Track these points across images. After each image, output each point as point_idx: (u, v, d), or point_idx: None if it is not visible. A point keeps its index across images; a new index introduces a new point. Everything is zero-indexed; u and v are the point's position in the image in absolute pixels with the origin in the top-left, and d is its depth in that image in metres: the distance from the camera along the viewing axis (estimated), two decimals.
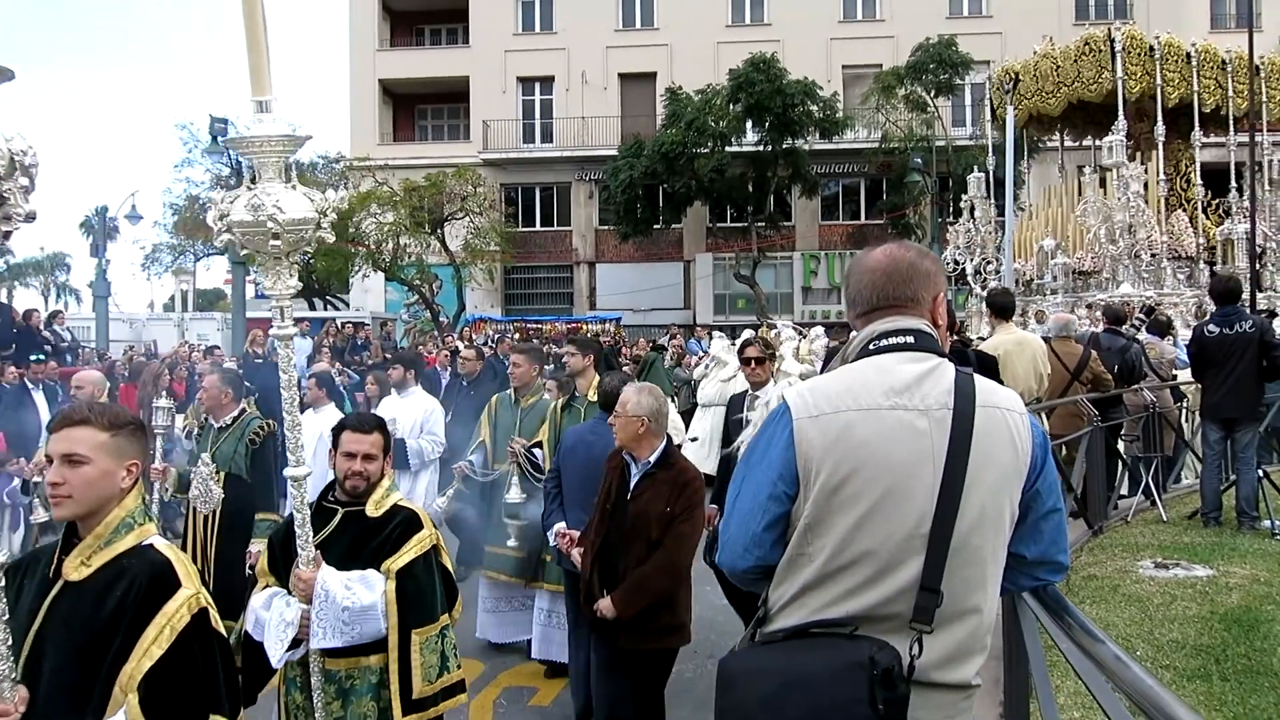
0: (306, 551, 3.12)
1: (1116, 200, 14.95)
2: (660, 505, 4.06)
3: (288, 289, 2.96)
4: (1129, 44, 15.45)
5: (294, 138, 2.84)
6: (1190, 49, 15.96)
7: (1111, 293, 14.48)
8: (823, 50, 31.19)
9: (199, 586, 2.33)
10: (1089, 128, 18.31)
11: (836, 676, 1.79)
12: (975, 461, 1.89)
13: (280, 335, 3.03)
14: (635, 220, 28.81)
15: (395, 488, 3.57)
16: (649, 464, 4.18)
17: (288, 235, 2.82)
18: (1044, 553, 2.04)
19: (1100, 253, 15.19)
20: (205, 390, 5.81)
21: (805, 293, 31.66)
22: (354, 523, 3.38)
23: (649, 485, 4.14)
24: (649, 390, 4.28)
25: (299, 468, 3.04)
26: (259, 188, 2.79)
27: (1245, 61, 16.23)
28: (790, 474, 1.93)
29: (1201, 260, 15.83)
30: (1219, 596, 5.83)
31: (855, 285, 2.13)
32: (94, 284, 24.13)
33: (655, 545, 4.03)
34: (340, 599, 3.13)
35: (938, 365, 1.98)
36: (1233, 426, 7.67)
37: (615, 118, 32.22)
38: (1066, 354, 8.09)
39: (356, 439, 3.42)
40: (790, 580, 1.95)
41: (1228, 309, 7.79)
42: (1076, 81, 16.25)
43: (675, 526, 4.07)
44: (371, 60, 33.80)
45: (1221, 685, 4.48)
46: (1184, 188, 16.63)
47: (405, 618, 3.25)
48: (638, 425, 4.17)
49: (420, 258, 27.18)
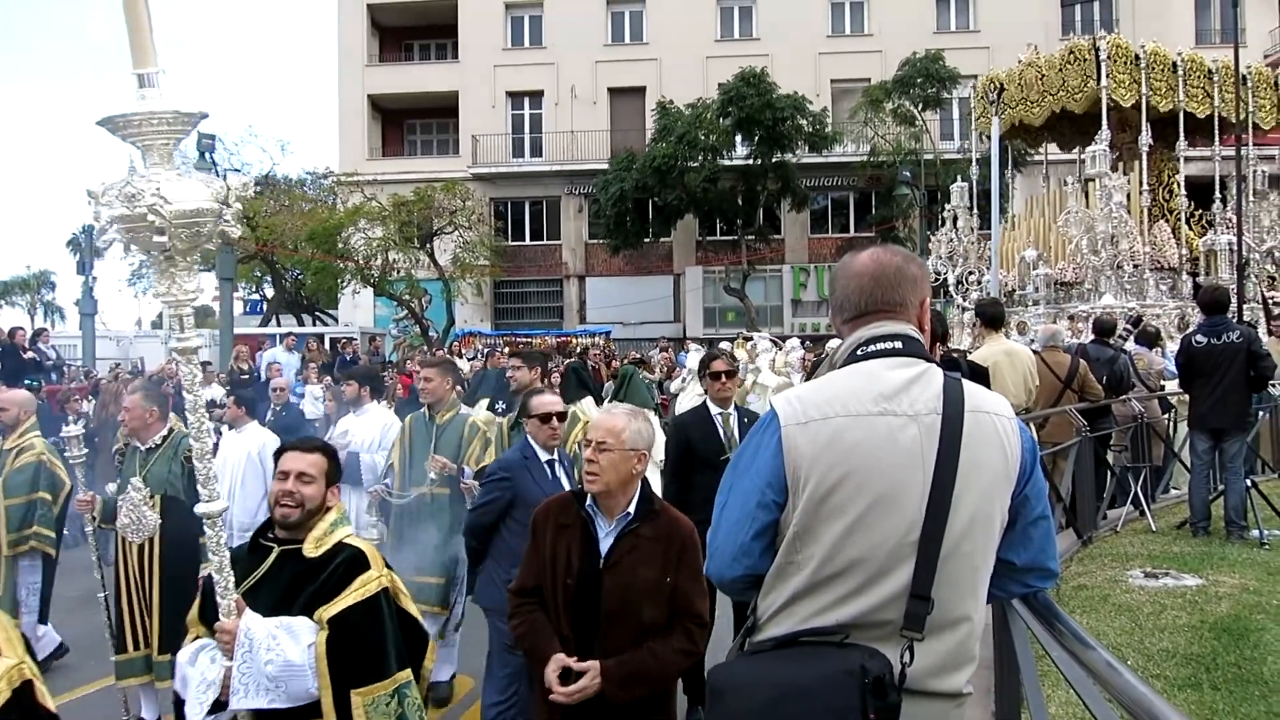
0: (226, 599, 2.74)
1: (1099, 210, 14.89)
2: (653, 573, 3.05)
3: (186, 294, 2.51)
4: (1114, 53, 15.36)
5: (184, 115, 2.38)
6: (1176, 58, 15.91)
7: (1094, 304, 14.37)
8: (811, 64, 31.37)
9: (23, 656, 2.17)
10: (1074, 138, 18.26)
11: (828, 685, 1.77)
12: (965, 467, 1.87)
13: (182, 349, 2.60)
14: (625, 234, 28.87)
15: (344, 522, 3.08)
16: (628, 517, 3.13)
17: (178, 230, 2.36)
18: (1033, 559, 2.03)
19: (1082, 263, 15.09)
20: (127, 410, 5.27)
21: (795, 305, 31.73)
22: (290, 562, 2.92)
23: (631, 548, 3.08)
24: (642, 414, 3.30)
25: (212, 503, 2.65)
26: (138, 174, 2.37)
27: (1232, 71, 16.27)
28: (779, 481, 1.91)
29: (1184, 271, 15.75)
30: (1208, 606, 5.83)
31: (842, 290, 2.11)
32: (80, 301, 24.00)
33: (651, 631, 3.04)
34: (263, 653, 2.73)
35: (926, 370, 1.97)
36: (1221, 436, 7.70)
37: (605, 132, 32.30)
38: (1056, 363, 8.14)
39: (294, 457, 3.01)
40: (779, 589, 1.93)
41: (1215, 319, 7.82)
42: (1061, 90, 16.15)
43: (687, 602, 3.08)
44: (360, 75, 33.83)
45: (1212, 694, 4.47)
46: (1166, 198, 16.59)
47: (341, 676, 2.78)
48: (633, 463, 3.13)
49: (409, 272, 27.16)
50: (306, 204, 31.85)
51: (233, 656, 2.73)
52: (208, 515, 2.64)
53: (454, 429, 5.72)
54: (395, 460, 5.83)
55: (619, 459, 3.09)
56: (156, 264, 2.46)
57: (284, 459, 3.04)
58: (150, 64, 2.35)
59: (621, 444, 3.11)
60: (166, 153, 2.38)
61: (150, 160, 2.37)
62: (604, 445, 3.10)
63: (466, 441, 5.64)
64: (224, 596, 2.74)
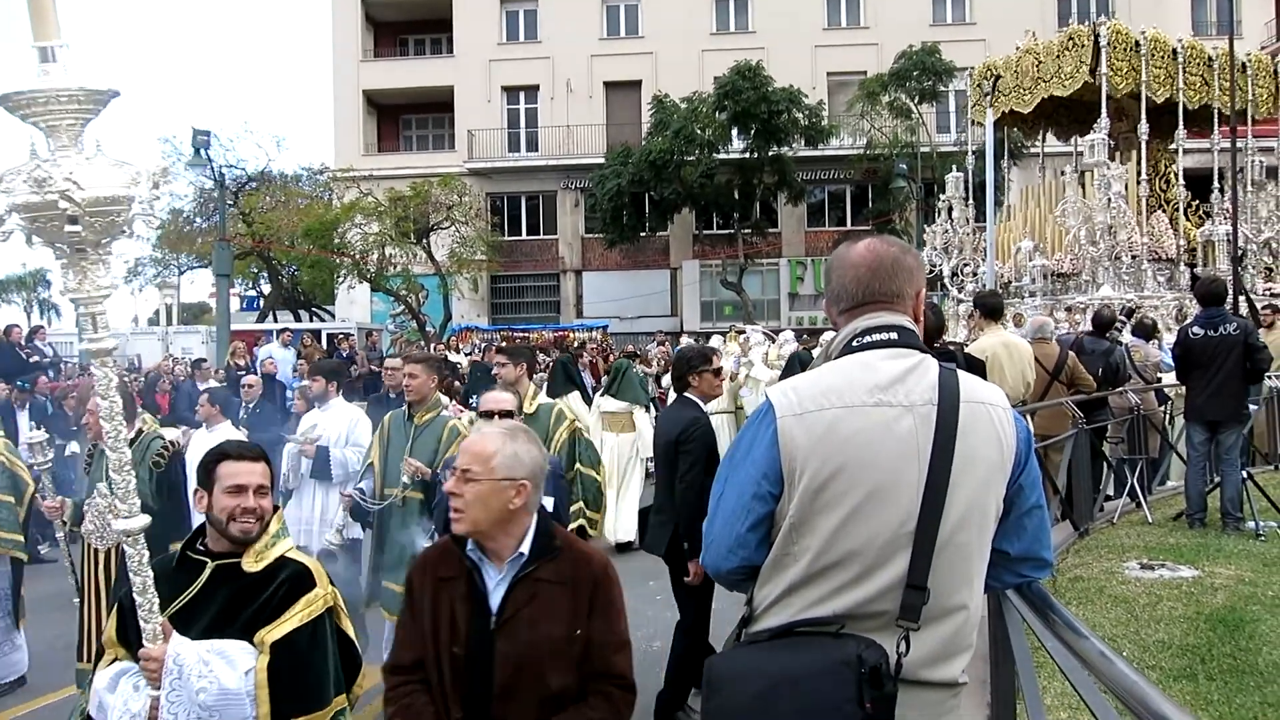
0: (151, 623, 2.49)
1: (1097, 201, 14.70)
2: (558, 627, 2.46)
3: (98, 290, 2.26)
4: (1114, 39, 15.06)
5: (94, 93, 2.12)
6: (1177, 45, 15.62)
7: (1091, 295, 14.26)
8: (808, 57, 31.33)
9: None
10: (1070, 127, 17.98)
11: (824, 675, 1.78)
12: (960, 457, 1.88)
13: (95, 350, 2.34)
14: (622, 228, 28.87)
15: (284, 534, 2.82)
16: (522, 558, 2.51)
17: (91, 219, 2.13)
18: (1027, 549, 2.04)
19: (1080, 254, 14.89)
20: (90, 412, 5.00)
21: (792, 299, 31.75)
22: (227, 579, 2.67)
23: (529, 597, 2.47)
24: (525, 434, 2.63)
25: (132, 519, 2.42)
26: (47, 158, 2.12)
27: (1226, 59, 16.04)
28: (775, 473, 1.91)
29: (1182, 263, 15.55)
30: (1204, 597, 5.84)
31: (839, 280, 2.10)
32: None
33: (559, 703, 2.44)
34: (195, 680, 2.49)
35: (921, 361, 1.97)
36: (1217, 428, 7.71)
37: (600, 126, 32.26)
38: (1044, 355, 8.13)
39: (245, 469, 2.71)
40: (776, 580, 1.94)
41: (1212, 311, 7.82)
42: (1056, 78, 15.79)
43: (604, 660, 2.50)
44: (355, 71, 33.76)
45: (1207, 685, 4.48)
46: (1164, 189, 16.38)
47: (281, 705, 2.56)
48: (508, 496, 2.49)
49: (406, 268, 27.14)
50: (302, 200, 31.80)
51: (160, 686, 2.49)
52: (127, 532, 2.41)
53: (432, 431, 5.40)
54: (375, 461, 5.60)
55: (488, 492, 2.46)
56: (65, 257, 2.22)
57: (228, 471, 2.71)
58: (53, 36, 2.10)
59: (491, 472, 2.47)
60: (75, 134, 2.12)
61: (57, 142, 2.11)
62: (469, 474, 2.48)
63: (445, 444, 5.28)
64: (148, 620, 2.49)
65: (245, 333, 21.07)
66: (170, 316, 35.02)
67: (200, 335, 26.49)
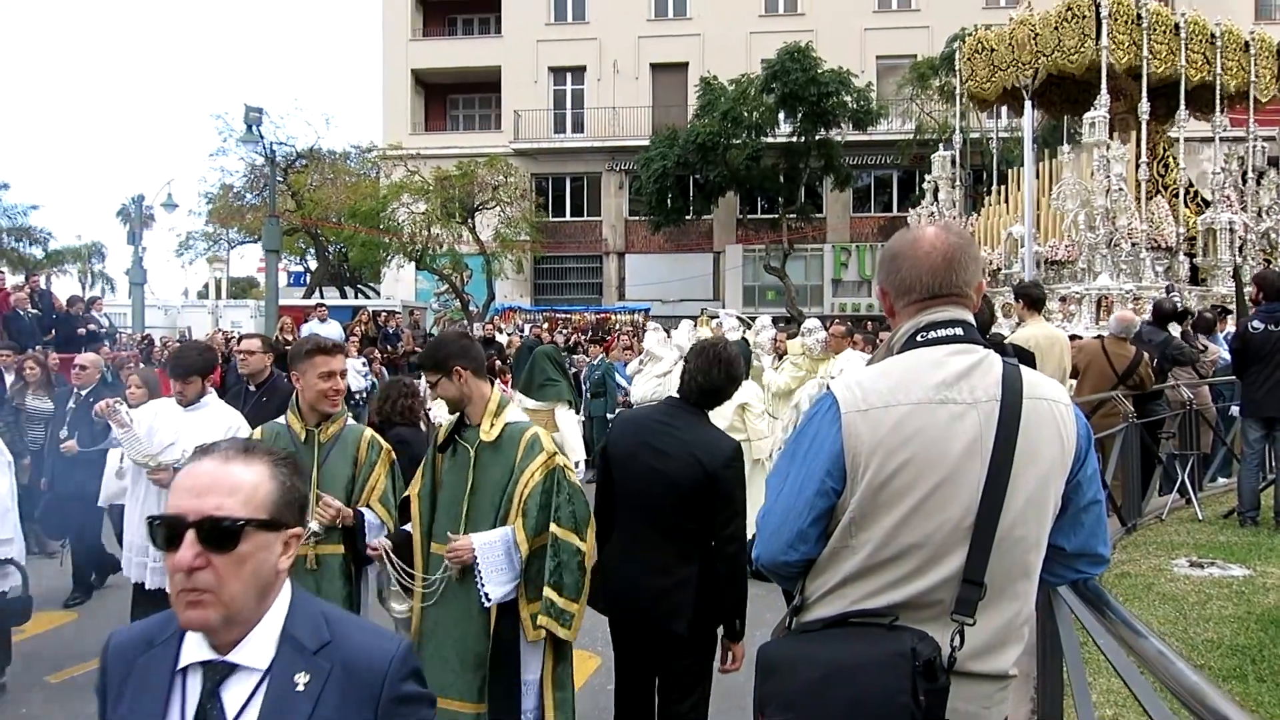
0: None
1: (1096, 183, 13.82)
2: None
3: None
4: (1116, 10, 14.24)
5: None
6: (1179, 19, 14.78)
7: (1088, 284, 13.61)
8: (857, 40, 30.92)
9: None
10: (1064, 106, 16.99)
11: (879, 667, 1.79)
12: (1021, 453, 1.88)
13: None
14: (666, 211, 28.76)
15: None
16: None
17: None
18: (1084, 544, 2.03)
19: (1078, 240, 14.02)
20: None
21: (835, 285, 31.47)
22: None
23: None
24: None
25: None
26: None
27: (1235, 36, 15.26)
28: (839, 469, 1.91)
29: (1181, 251, 14.69)
30: (1255, 597, 5.75)
31: (911, 271, 2.05)
32: (130, 271, 24.50)
33: None
34: None
35: (985, 357, 1.97)
36: (1274, 425, 7.55)
37: (646, 108, 32.16)
38: (1117, 355, 7.93)
39: None
40: (831, 571, 1.94)
41: (1274, 305, 7.61)
42: (1056, 51, 14.79)
43: None
44: (404, 50, 33.97)
45: (1258, 686, 4.42)
46: (1162, 173, 15.51)
47: None
48: None
49: (452, 247, 27.33)
50: (350, 177, 32.12)
51: None
52: None
53: (344, 451, 3.82)
54: None
55: None
56: None
57: None
58: None
59: None
60: None
61: None
62: None
63: (366, 466, 3.81)
64: None
65: (293, 308, 21.35)
66: (220, 290, 35.63)
67: (249, 309, 26.95)
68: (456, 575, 3.40)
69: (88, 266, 52.30)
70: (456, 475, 3.50)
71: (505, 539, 3.38)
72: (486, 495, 3.43)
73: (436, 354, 3.52)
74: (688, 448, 3.40)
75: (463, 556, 3.33)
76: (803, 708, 1.85)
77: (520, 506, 3.37)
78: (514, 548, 3.38)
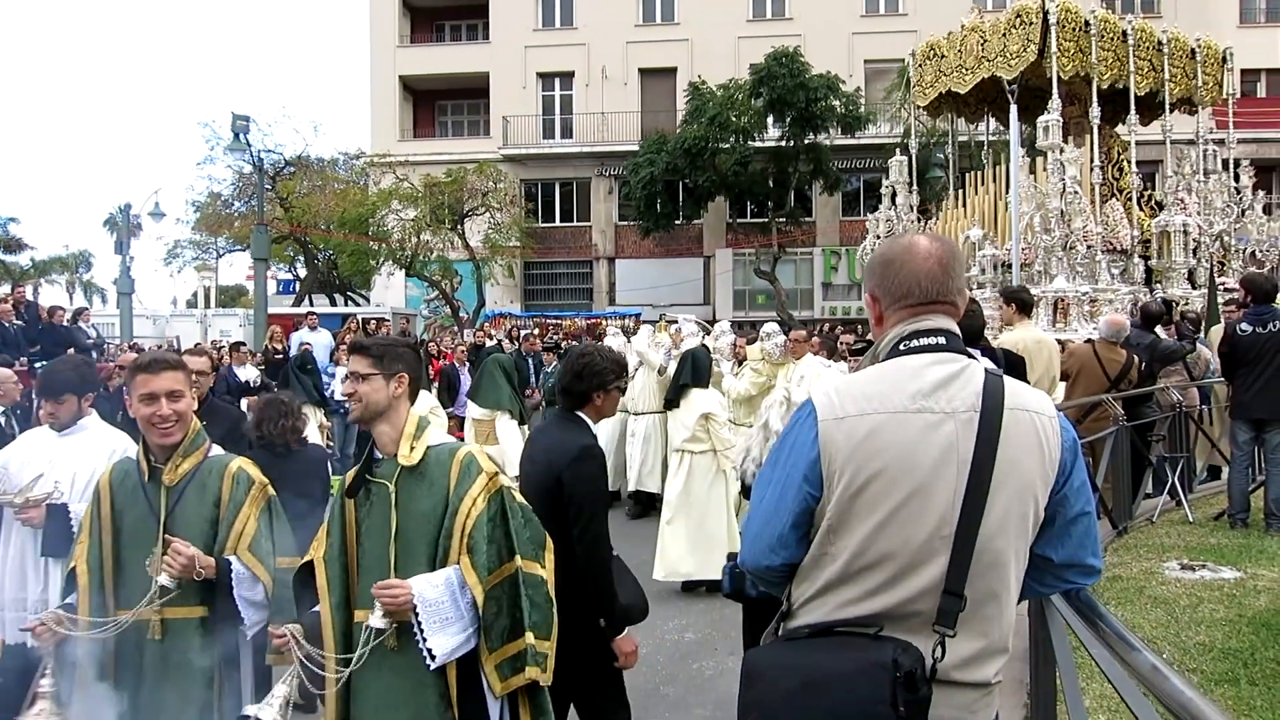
0: None
1: (1051, 186, 13.90)
2: None
3: None
4: (1063, 17, 14.17)
5: None
6: (1127, 27, 14.84)
7: (1044, 286, 13.52)
8: (845, 45, 31.02)
9: None
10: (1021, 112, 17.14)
11: (860, 676, 1.79)
12: (1001, 465, 1.87)
13: None
14: (655, 215, 28.79)
15: None
16: None
17: None
18: (1072, 555, 2.02)
19: (1033, 243, 14.01)
20: None
21: (825, 289, 31.54)
22: None
23: None
24: None
25: None
26: None
27: (1182, 44, 15.36)
28: (815, 475, 1.92)
29: (1136, 254, 14.73)
30: (1247, 599, 5.76)
31: (908, 276, 2.05)
32: (118, 280, 24.36)
33: None
34: None
35: (966, 367, 1.96)
36: (1263, 427, 7.57)
37: (635, 113, 32.19)
38: (1109, 359, 7.93)
39: None
40: (813, 577, 1.95)
41: (1262, 308, 7.66)
42: (1001, 56, 14.81)
43: None
44: (392, 56, 33.93)
45: (1250, 690, 4.42)
46: (1116, 176, 15.55)
47: None
48: None
49: (441, 254, 27.29)
50: (339, 184, 32.05)
51: None
52: None
53: (201, 497, 3.16)
54: (81, 558, 3.14)
55: None
56: None
57: None
58: None
59: None
60: None
61: None
62: None
63: (230, 506, 3.16)
64: None
65: (283, 316, 21.29)
66: (209, 299, 35.51)
67: (238, 318, 26.83)
68: (392, 640, 2.70)
69: (75, 276, 52.05)
70: (376, 520, 2.83)
71: (449, 580, 2.72)
72: (419, 534, 2.79)
73: (389, 349, 2.92)
74: (544, 452, 3.60)
75: (399, 598, 2.64)
76: (783, 716, 1.86)
77: (464, 542, 2.75)
78: (460, 589, 2.73)
